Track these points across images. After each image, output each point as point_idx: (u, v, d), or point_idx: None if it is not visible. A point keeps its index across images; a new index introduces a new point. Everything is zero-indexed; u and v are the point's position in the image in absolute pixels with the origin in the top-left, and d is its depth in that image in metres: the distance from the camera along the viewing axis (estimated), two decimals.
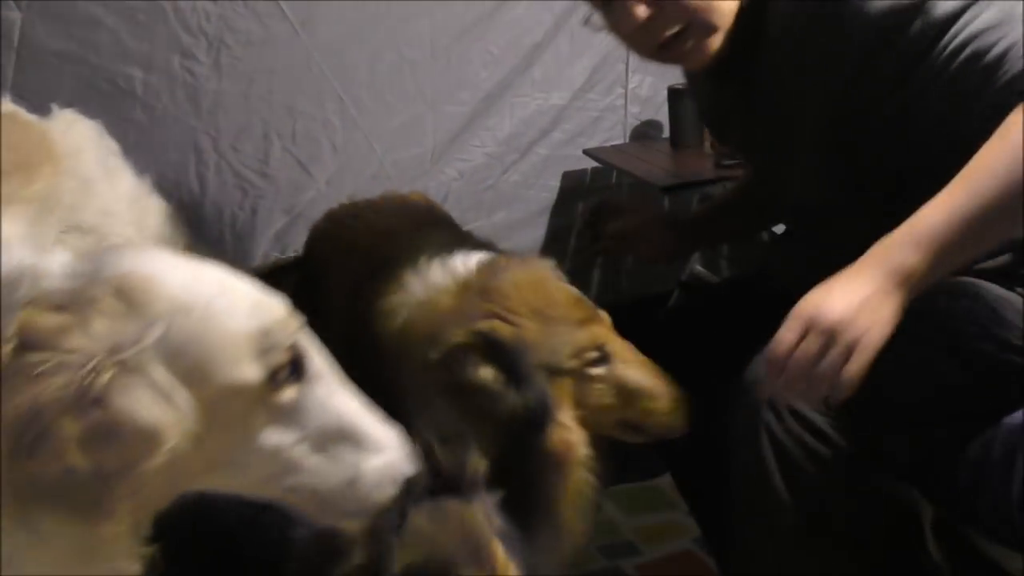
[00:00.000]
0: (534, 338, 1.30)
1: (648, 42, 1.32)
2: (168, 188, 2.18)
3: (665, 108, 2.56)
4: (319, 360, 0.89)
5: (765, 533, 1.33)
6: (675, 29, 1.30)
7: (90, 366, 0.73)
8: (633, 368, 1.36)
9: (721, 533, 1.55)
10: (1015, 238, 1.23)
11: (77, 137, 1.43)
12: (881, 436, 1.30)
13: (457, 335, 1.29)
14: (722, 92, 1.49)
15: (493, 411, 1.26)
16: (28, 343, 0.73)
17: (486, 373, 1.27)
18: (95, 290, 0.77)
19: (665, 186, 2.34)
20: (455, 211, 2.52)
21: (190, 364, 0.79)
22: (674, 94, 2.49)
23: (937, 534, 1.37)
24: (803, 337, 1.10)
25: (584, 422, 1.33)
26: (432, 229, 1.64)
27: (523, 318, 1.31)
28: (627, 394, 1.35)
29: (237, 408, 0.83)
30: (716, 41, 1.32)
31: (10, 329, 0.73)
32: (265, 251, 2.33)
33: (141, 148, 2.14)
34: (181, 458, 0.78)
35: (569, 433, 1.30)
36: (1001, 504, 1.19)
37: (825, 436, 1.27)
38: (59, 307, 0.76)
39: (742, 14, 1.32)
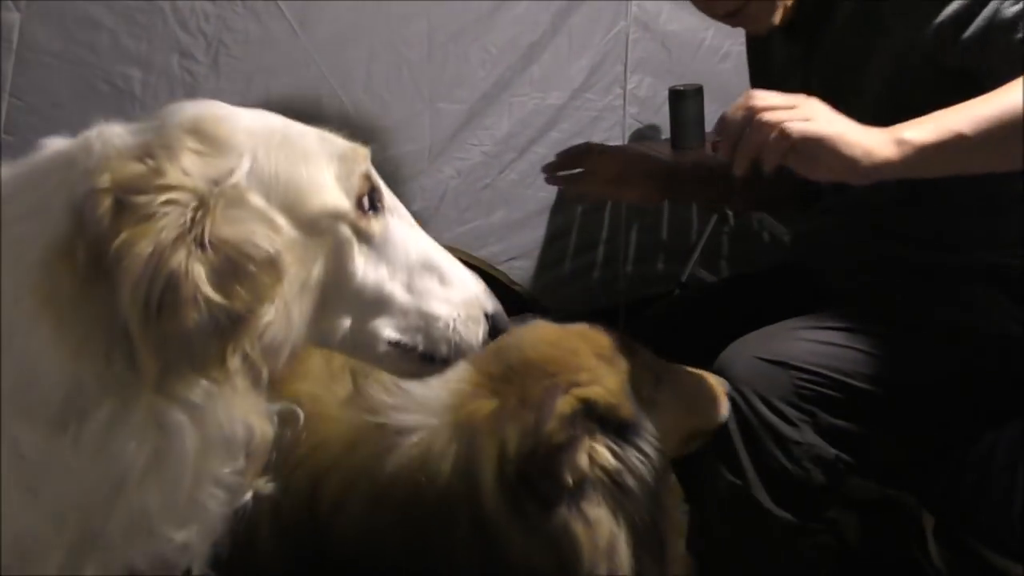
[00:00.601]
0: (614, 386, 1.11)
1: (716, 11, 1.46)
2: None
3: (663, 109, 2.56)
4: (391, 195, 0.91)
5: (730, 512, 1.34)
6: (740, 2, 1.41)
7: (197, 200, 0.72)
8: (681, 376, 1.24)
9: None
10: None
11: None
12: (881, 446, 1.30)
13: (555, 433, 1.03)
14: (783, 56, 1.50)
15: (624, 489, 1.07)
16: (125, 192, 0.71)
17: (603, 455, 1.07)
18: (171, 135, 0.76)
19: None
20: (453, 210, 2.53)
21: (283, 191, 0.79)
22: (675, 95, 2.49)
23: (939, 539, 1.38)
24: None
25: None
26: None
27: (596, 371, 1.11)
28: (685, 404, 1.24)
29: (335, 237, 0.83)
30: (779, 11, 1.40)
31: (101, 183, 0.71)
32: None
33: None
34: (295, 293, 0.79)
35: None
36: (1002, 514, 1.19)
37: (790, 421, 1.28)
38: (139, 158, 0.74)
39: None
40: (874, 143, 1.12)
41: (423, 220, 2.69)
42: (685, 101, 2.48)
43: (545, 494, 1.03)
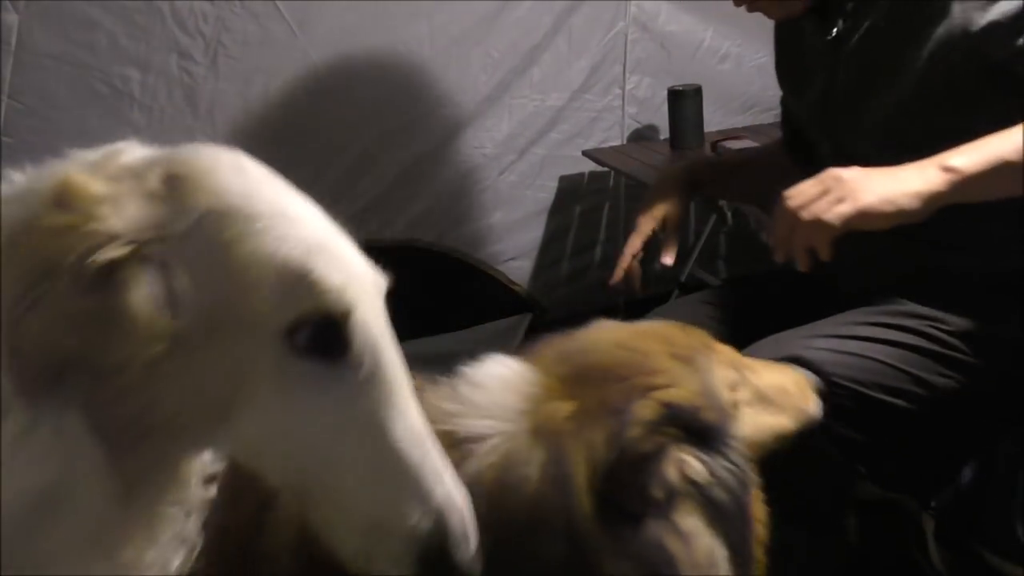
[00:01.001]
0: (695, 388, 1.00)
1: None
2: None
3: (662, 110, 2.56)
4: (378, 352, 0.73)
5: None
6: None
7: (105, 238, 0.66)
8: (763, 373, 1.12)
9: None
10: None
11: None
12: (891, 454, 1.29)
13: (640, 441, 0.92)
14: (813, 40, 1.49)
15: (715, 502, 0.96)
16: (57, 199, 0.67)
17: (693, 466, 0.95)
18: (149, 170, 0.71)
19: None
20: (453, 211, 2.53)
21: (207, 271, 0.69)
22: (674, 95, 2.49)
23: (940, 541, 1.37)
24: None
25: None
26: None
27: (673, 374, 1.00)
28: (770, 404, 1.12)
29: (243, 346, 0.70)
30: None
31: (54, 181, 0.68)
32: None
33: None
34: (176, 384, 0.69)
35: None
36: (1003, 518, 1.19)
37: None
38: (112, 178, 0.69)
39: None
40: (919, 181, 1.15)
41: (424, 222, 2.70)
42: (684, 101, 2.48)
43: (632, 508, 0.92)
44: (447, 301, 2.55)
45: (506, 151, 2.55)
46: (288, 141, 2.29)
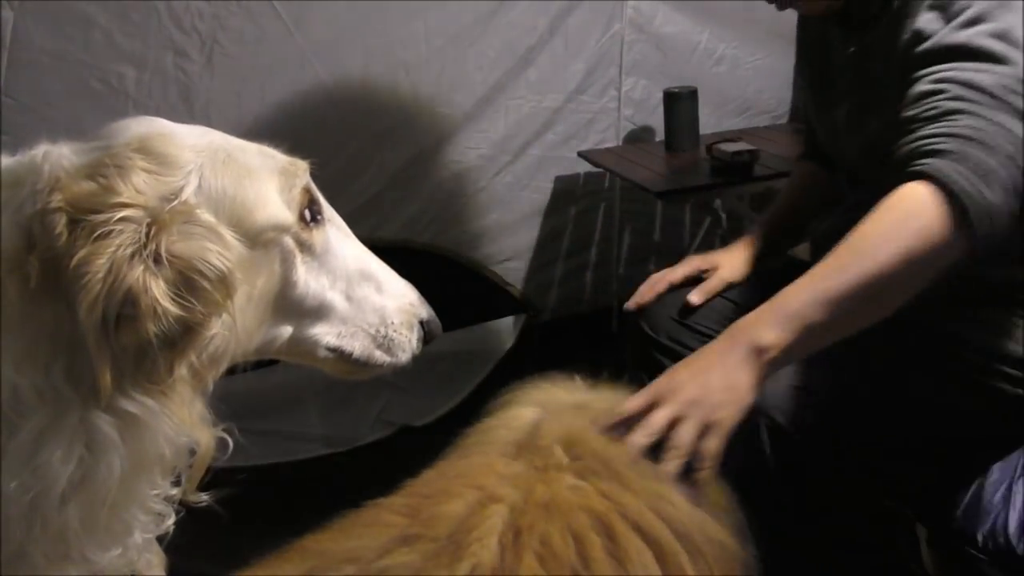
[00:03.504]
0: None
1: None
2: None
3: (658, 111, 2.56)
4: (328, 207, 0.94)
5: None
6: None
7: (150, 217, 0.73)
8: None
9: None
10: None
11: None
12: (876, 461, 1.29)
13: None
14: (836, 55, 1.46)
15: None
16: (79, 211, 0.72)
17: None
18: (120, 154, 0.77)
19: (659, 191, 2.33)
20: (448, 212, 2.53)
21: (231, 207, 0.81)
22: (670, 97, 2.49)
23: (933, 548, 1.37)
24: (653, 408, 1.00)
25: None
26: None
27: None
28: None
29: (279, 249, 0.86)
30: None
31: (54, 202, 0.72)
32: None
33: None
34: (242, 304, 0.80)
35: None
36: (998, 533, 1.18)
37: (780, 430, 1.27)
38: (91, 177, 0.75)
39: None
40: (747, 374, 1.03)
41: (419, 222, 2.69)
42: (679, 103, 2.49)
43: None
44: (442, 302, 2.54)
45: (502, 152, 2.55)
46: (283, 140, 2.28)
